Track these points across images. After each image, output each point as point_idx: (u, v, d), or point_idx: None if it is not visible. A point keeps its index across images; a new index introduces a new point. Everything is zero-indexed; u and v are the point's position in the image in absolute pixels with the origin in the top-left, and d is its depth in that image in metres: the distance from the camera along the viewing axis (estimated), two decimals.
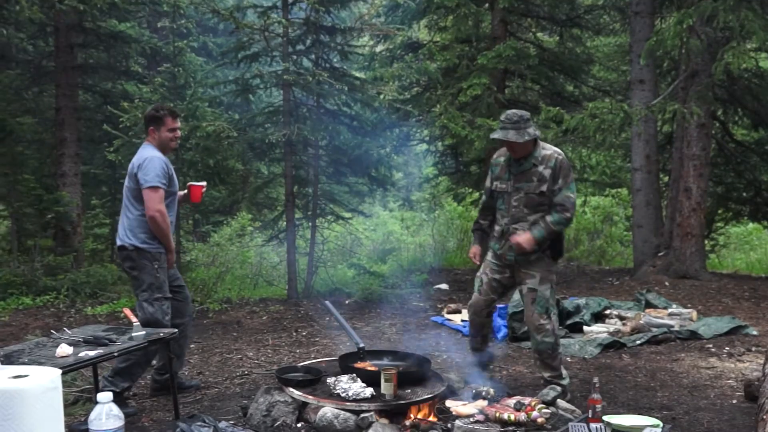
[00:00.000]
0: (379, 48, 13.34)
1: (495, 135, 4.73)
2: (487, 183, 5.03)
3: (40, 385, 1.91)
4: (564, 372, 4.95)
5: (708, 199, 11.30)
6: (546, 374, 4.87)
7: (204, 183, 5.46)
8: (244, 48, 9.87)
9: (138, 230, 4.86)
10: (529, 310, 4.82)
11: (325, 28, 9.76)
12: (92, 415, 2.20)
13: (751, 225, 15.05)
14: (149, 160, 4.82)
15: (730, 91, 11.48)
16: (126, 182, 4.97)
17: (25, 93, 12.56)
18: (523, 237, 4.69)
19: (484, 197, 5.12)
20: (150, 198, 4.77)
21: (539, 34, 13.13)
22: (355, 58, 11.25)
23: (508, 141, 4.65)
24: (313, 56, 10.06)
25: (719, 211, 13.48)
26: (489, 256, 5.07)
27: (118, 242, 4.95)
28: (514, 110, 4.79)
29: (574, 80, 12.91)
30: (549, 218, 4.70)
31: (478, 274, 5.11)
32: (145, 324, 4.58)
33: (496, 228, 4.95)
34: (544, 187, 4.68)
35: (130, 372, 4.80)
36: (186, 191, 5.37)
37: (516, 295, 6.72)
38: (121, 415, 2.25)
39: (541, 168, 4.69)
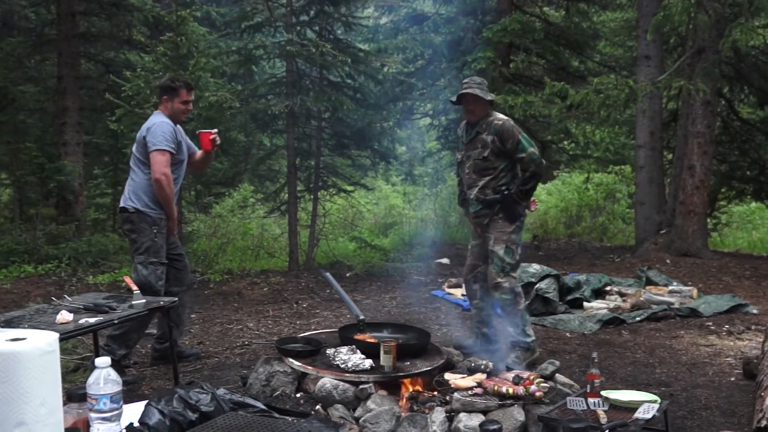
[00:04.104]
0: (383, 20, 13.24)
1: (464, 90, 4.90)
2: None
3: (38, 348, 1.90)
4: (530, 330, 5.08)
5: (711, 177, 11.25)
6: (510, 330, 4.95)
7: (215, 130, 5.17)
8: (247, 18, 9.79)
9: (141, 193, 4.86)
10: (488, 269, 5.01)
11: None
12: (90, 380, 2.20)
13: (754, 204, 15.00)
14: (158, 124, 4.83)
15: (736, 68, 11.38)
16: (134, 148, 4.96)
17: (27, 61, 12.48)
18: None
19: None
20: (157, 161, 4.77)
21: (545, 8, 12.99)
22: (359, 30, 11.15)
23: (473, 95, 4.85)
24: (316, 27, 9.97)
25: (722, 190, 13.44)
26: None
27: (121, 204, 4.97)
28: (475, 76, 5.10)
29: (579, 55, 12.81)
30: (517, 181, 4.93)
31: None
32: (137, 286, 4.59)
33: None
34: (486, 152, 4.89)
35: (125, 339, 4.80)
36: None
37: (522, 273, 6.84)
38: (119, 380, 2.25)
39: (484, 135, 4.92)
